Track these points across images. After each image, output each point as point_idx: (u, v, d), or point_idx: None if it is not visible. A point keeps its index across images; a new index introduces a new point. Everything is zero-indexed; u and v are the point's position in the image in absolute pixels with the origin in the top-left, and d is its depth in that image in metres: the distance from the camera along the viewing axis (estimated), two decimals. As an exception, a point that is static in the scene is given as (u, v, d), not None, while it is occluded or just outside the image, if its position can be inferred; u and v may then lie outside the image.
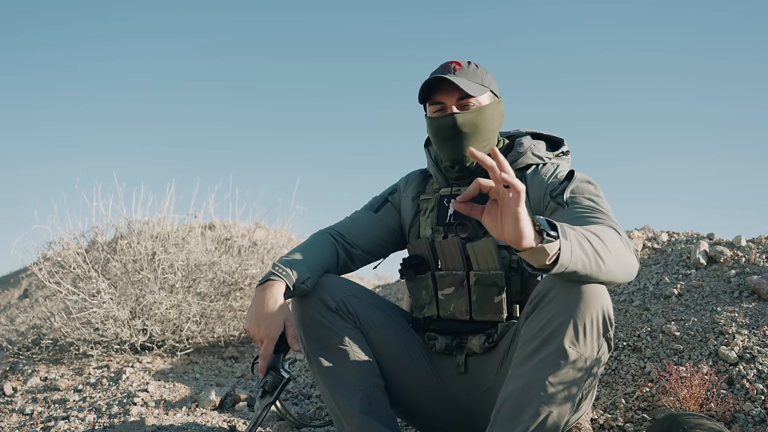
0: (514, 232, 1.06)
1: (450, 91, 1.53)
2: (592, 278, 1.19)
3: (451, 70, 1.55)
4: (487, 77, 1.59)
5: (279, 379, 1.43)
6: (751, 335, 2.04)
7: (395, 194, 1.77)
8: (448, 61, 1.58)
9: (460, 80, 1.51)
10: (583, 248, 1.12)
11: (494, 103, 1.58)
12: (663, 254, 2.79)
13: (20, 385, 2.71)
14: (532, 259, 1.10)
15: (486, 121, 1.55)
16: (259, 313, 1.42)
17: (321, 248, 1.61)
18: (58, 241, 3.41)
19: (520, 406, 1.25)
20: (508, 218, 1.06)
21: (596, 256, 1.15)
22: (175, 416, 2.21)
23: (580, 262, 1.12)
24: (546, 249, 1.08)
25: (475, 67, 1.58)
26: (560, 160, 1.61)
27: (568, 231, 1.11)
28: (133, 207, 3.52)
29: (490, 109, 1.56)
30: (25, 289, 6.35)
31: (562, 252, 1.08)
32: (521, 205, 1.04)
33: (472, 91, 1.51)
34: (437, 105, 1.56)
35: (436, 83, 1.55)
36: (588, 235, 1.16)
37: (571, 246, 1.10)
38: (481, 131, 1.55)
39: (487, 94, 1.57)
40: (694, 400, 1.74)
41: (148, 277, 3.15)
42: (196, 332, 3.22)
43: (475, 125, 1.54)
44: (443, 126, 1.54)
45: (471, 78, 1.54)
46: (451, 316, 1.56)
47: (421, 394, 1.62)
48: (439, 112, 1.56)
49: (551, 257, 1.09)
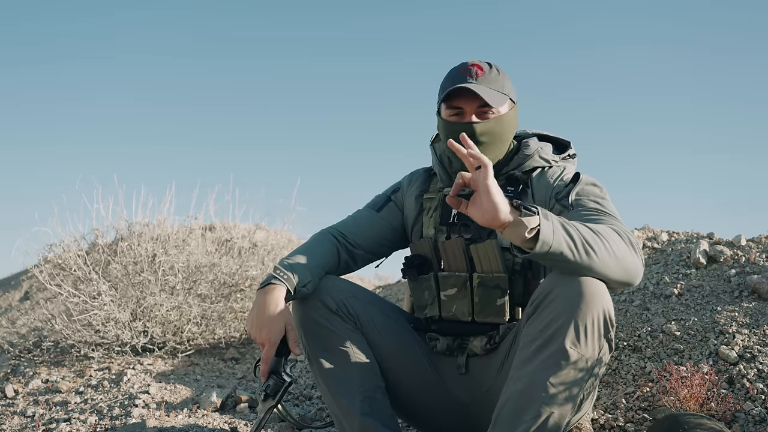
0: (489, 206, 1.16)
1: (470, 99, 1.51)
2: (583, 268, 1.21)
3: (474, 75, 1.52)
4: (507, 83, 1.57)
5: (281, 382, 1.43)
6: (751, 335, 2.04)
7: (398, 193, 1.76)
8: (469, 62, 1.55)
9: (481, 89, 1.49)
10: (567, 232, 1.18)
11: (512, 110, 1.57)
12: (663, 254, 2.79)
13: (21, 388, 2.71)
14: (513, 236, 1.17)
15: (504, 129, 1.55)
16: (260, 317, 1.43)
17: (322, 249, 1.61)
18: (58, 244, 3.41)
19: (522, 406, 1.25)
20: (482, 194, 1.17)
21: (585, 243, 1.18)
22: (176, 418, 2.21)
23: (565, 243, 1.17)
24: (524, 221, 1.14)
25: (497, 72, 1.55)
26: (567, 163, 1.61)
27: (549, 214, 1.18)
28: (134, 209, 3.51)
29: (508, 118, 1.55)
30: (26, 292, 6.35)
31: (543, 228, 1.15)
32: (490, 177, 1.16)
33: (493, 102, 1.49)
34: (455, 109, 1.54)
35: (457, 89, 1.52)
36: (578, 225, 1.21)
37: (553, 225, 1.17)
38: (497, 140, 1.54)
39: (506, 103, 1.55)
40: (695, 400, 1.74)
41: (148, 279, 3.15)
42: (196, 334, 3.22)
43: (493, 134, 1.53)
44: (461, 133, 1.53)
45: (492, 85, 1.52)
46: (453, 317, 1.57)
47: (422, 395, 1.62)
48: (456, 116, 1.54)
49: (531, 230, 1.15)
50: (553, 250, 1.16)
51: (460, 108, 1.53)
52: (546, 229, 1.15)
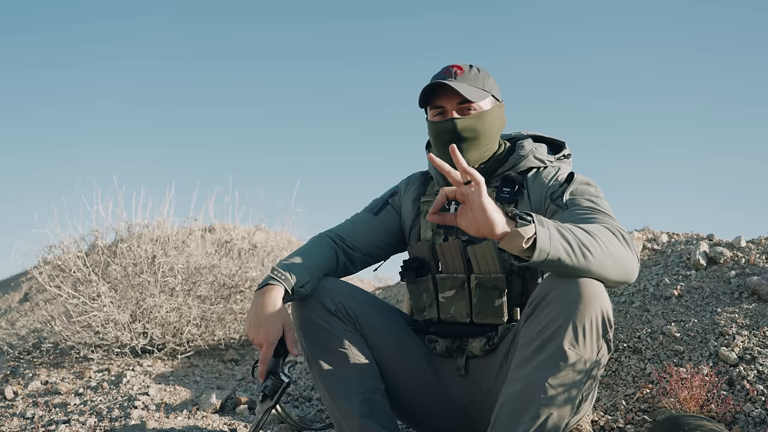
0: (484, 222, 1.15)
1: (450, 96, 1.53)
2: (581, 271, 1.20)
3: (453, 74, 1.55)
4: (489, 81, 1.59)
5: (279, 383, 1.43)
6: (751, 336, 2.04)
7: (396, 197, 1.77)
8: (449, 64, 1.58)
9: (460, 85, 1.51)
10: (564, 236, 1.17)
11: (495, 107, 1.58)
12: (663, 255, 2.79)
13: (21, 389, 2.71)
14: (511, 247, 1.16)
15: (486, 126, 1.55)
16: (258, 317, 1.43)
17: (320, 251, 1.61)
18: (58, 245, 3.41)
19: (520, 408, 1.25)
20: (476, 212, 1.15)
21: (581, 246, 1.17)
22: (175, 419, 2.21)
23: (562, 249, 1.16)
24: (521, 232, 1.13)
25: (477, 71, 1.58)
26: (561, 163, 1.62)
27: (544, 220, 1.17)
28: (133, 210, 3.51)
29: (491, 114, 1.56)
30: (26, 293, 6.35)
31: (539, 236, 1.13)
32: (483, 195, 1.15)
33: (472, 97, 1.51)
34: (437, 109, 1.56)
35: (436, 88, 1.55)
36: (572, 228, 1.20)
37: (549, 232, 1.15)
38: (481, 136, 1.55)
39: (488, 99, 1.57)
40: (695, 402, 1.74)
41: (148, 280, 3.15)
42: (196, 335, 3.22)
43: (475, 130, 1.54)
44: (443, 131, 1.54)
45: (472, 83, 1.54)
46: (452, 319, 1.57)
47: (421, 396, 1.62)
48: (439, 116, 1.56)
49: (528, 240, 1.13)
50: (550, 258, 1.15)
51: (442, 107, 1.55)
52: (543, 237, 1.14)
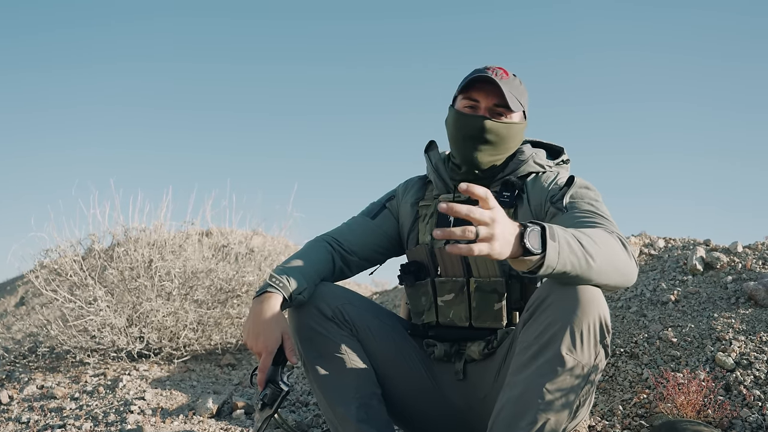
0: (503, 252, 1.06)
1: (490, 95, 1.53)
2: (583, 279, 1.19)
3: (498, 75, 1.53)
4: (525, 97, 1.59)
5: (278, 391, 1.43)
6: (748, 341, 2.04)
7: (393, 201, 1.77)
8: (494, 66, 1.56)
9: (506, 88, 1.51)
10: (572, 249, 1.13)
11: (522, 124, 1.60)
12: (660, 260, 2.80)
13: (16, 394, 2.69)
14: (519, 266, 1.13)
15: (510, 137, 1.56)
16: (256, 325, 1.42)
17: (317, 256, 1.61)
18: (54, 249, 3.39)
19: (518, 413, 1.25)
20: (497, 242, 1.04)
21: (586, 256, 1.16)
22: (172, 424, 2.20)
23: (569, 263, 1.13)
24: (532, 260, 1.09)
25: (519, 83, 1.58)
26: (560, 168, 1.62)
27: (557, 232, 1.12)
28: (130, 214, 3.51)
29: (516, 128, 1.57)
30: (22, 297, 6.33)
31: (549, 254, 1.09)
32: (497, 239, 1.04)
33: (512, 104, 1.51)
34: (472, 101, 1.55)
35: (483, 81, 1.53)
36: (579, 236, 1.16)
37: (559, 248, 1.11)
38: (501, 144, 1.55)
39: (519, 113, 1.58)
40: (692, 407, 1.74)
41: (145, 284, 3.14)
42: (193, 340, 3.21)
43: (499, 136, 1.54)
44: (471, 125, 1.53)
45: (513, 91, 1.54)
46: (451, 323, 1.56)
47: (418, 401, 1.62)
48: (470, 109, 1.55)
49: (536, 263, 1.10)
50: (556, 272, 1.13)
51: (476, 101, 1.54)
52: (552, 254, 1.10)
